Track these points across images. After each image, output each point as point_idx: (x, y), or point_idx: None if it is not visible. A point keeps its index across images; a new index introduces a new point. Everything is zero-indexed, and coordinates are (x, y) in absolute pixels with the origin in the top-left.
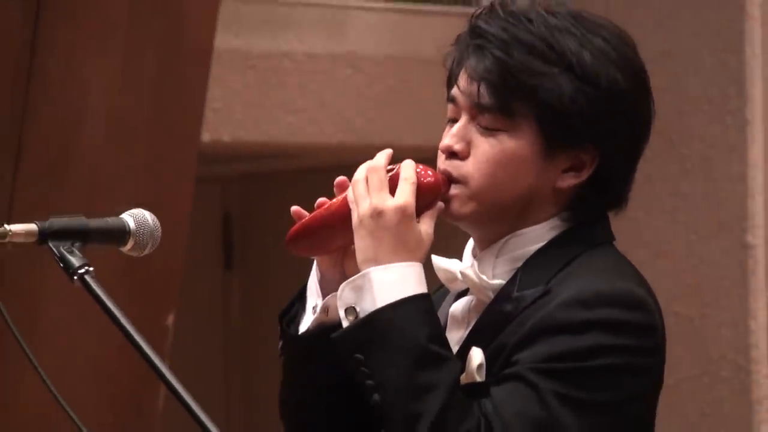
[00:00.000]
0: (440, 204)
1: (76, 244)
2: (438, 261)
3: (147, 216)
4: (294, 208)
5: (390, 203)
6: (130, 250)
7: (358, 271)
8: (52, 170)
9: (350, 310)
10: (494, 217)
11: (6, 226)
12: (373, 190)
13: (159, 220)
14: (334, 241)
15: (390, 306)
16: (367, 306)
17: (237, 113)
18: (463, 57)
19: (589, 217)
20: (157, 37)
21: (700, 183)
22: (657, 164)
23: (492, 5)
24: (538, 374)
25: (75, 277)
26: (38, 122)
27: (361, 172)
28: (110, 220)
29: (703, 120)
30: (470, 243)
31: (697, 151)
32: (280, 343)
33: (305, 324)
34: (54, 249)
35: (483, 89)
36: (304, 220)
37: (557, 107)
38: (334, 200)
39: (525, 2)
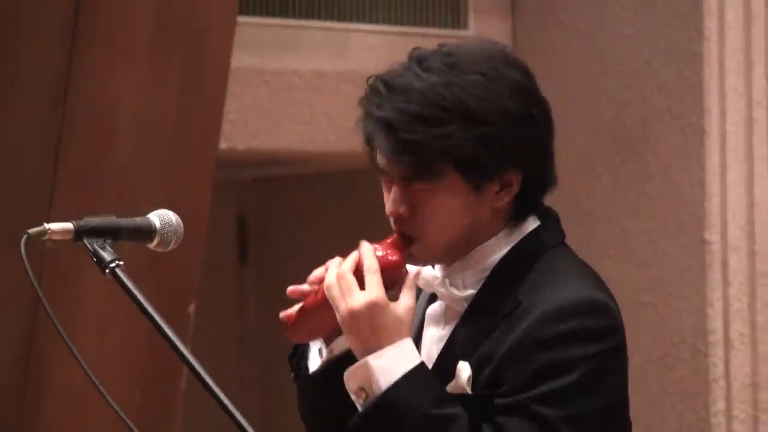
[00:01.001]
0: (418, 270)
1: (108, 241)
2: (411, 269)
3: (171, 216)
4: (290, 289)
5: (362, 301)
6: (155, 246)
7: None
8: (86, 175)
9: (360, 390)
10: (451, 253)
11: (46, 225)
12: (344, 292)
13: (181, 220)
14: (327, 328)
15: (393, 387)
16: (374, 389)
17: (251, 124)
18: (372, 136)
19: (529, 212)
20: (179, 58)
21: (662, 187)
22: (624, 170)
23: (373, 86)
24: (538, 404)
25: (107, 271)
26: (74, 133)
27: (332, 274)
28: (138, 220)
29: (665, 131)
30: None
31: (660, 158)
32: (292, 375)
33: (313, 362)
34: (88, 245)
35: (402, 167)
36: (295, 315)
37: (467, 156)
38: (316, 292)
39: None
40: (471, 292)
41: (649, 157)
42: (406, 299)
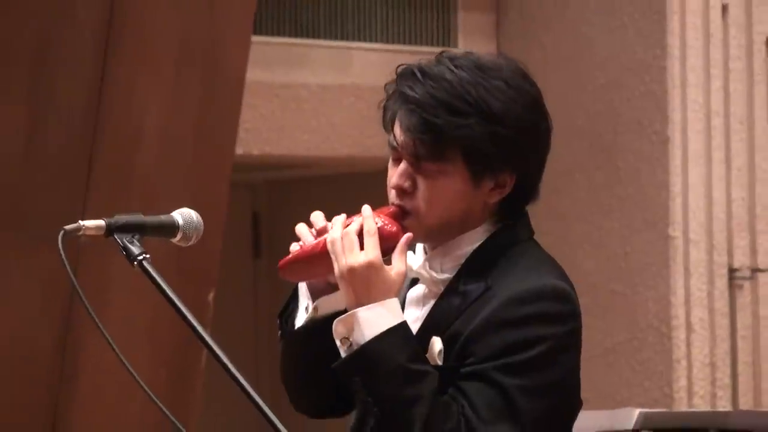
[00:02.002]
0: (408, 236)
1: (136, 236)
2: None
3: (192, 214)
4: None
5: (361, 260)
6: (178, 241)
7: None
8: (116, 178)
9: (344, 340)
10: (440, 233)
11: (80, 222)
12: (346, 250)
13: (201, 218)
14: (317, 275)
15: (375, 338)
16: (359, 338)
17: (264, 132)
18: (396, 115)
19: (512, 217)
20: (200, 73)
21: (631, 189)
22: (598, 174)
23: (412, 70)
24: (497, 372)
25: (135, 263)
26: (106, 139)
27: (337, 230)
28: (163, 217)
29: (633, 138)
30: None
31: (629, 163)
32: (279, 333)
33: (300, 320)
34: (118, 240)
35: (418, 144)
36: (293, 255)
37: (477, 148)
38: (317, 242)
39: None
40: (447, 276)
41: (619, 163)
42: (398, 265)
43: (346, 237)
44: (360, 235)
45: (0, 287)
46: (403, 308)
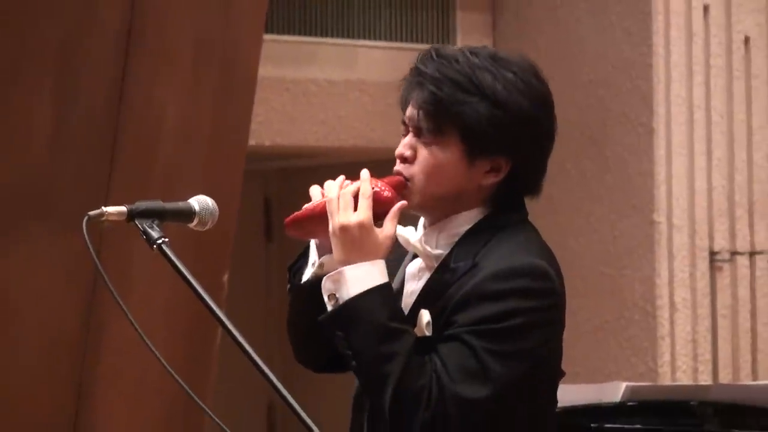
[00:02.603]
0: (402, 203)
1: (155, 222)
2: (399, 230)
3: (208, 201)
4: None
5: (353, 219)
6: (195, 225)
7: None
8: (137, 167)
9: (332, 296)
10: (434, 206)
11: (103, 208)
12: (341, 209)
13: (216, 204)
14: (318, 233)
15: (359, 295)
16: (344, 295)
17: (275, 124)
18: (410, 89)
19: (507, 204)
20: (216, 69)
21: (619, 177)
22: (588, 164)
23: (429, 50)
24: (471, 335)
25: (154, 246)
26: (127, 132)
27: (334, 190)
28: (181, 204)
29: (621, 130)
30: (422, 218)
31: (616, 153)
32: (288, 287)
33: (307, 275)
34: (139, 225)
35: (421, 115)
36: (297, 214)
37: (475, 128)
38: (319, 202)
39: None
40: (441, 252)
41: (607, 153)
42: (388, 228)
43: (343, 197)
44: (356, 197)
45: (28, 271)
46: (403, 281)
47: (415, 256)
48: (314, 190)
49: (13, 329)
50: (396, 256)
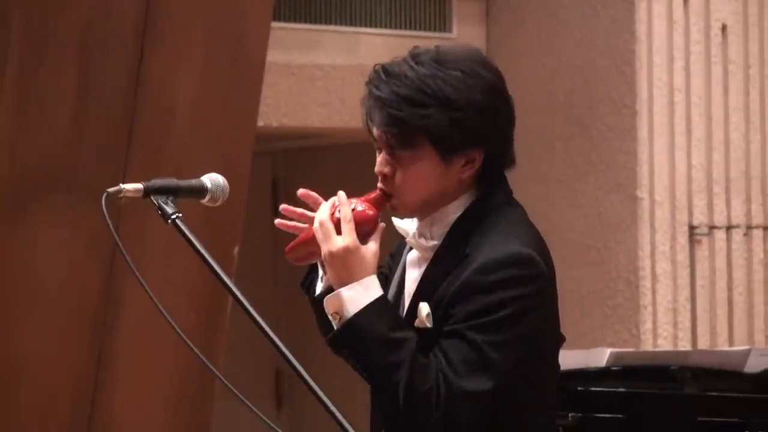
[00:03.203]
0: (381, 225)
1: (170, 198)
2: (397, 222)
3: (219, 178)
4: (277, 221)
5: (338, 245)
6: (207, 202)
7: None
8: (153, 147)
9: (335, 314)
10: (422, 209)
11: (121, 185)
12: (326, 238)
13: (227, 181)
14: (315, 254)
15: (357, 314)
16: (345, 314)
17: (282, 107)
18: (370, 111)
19: (489, 185)
20: (226, 55)
21: (604, 155)
22: (575, 143)
23: (378, 71)
24: (470, 330)
25: (169, 221)
26: (144, 113)
27: (317, 218)
28: (194, 181)
29: (606, 112)
30: None
31: (602, 133)
32: (307, 297)
33: (319, 287)
34: (154, 201)
35: (389, 136)
36: (293, 244)
37: (441, 133)
38: (308, 229)
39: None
40: (435, 242)
41: (593, 133)
42: (372, 247)
43: (323, 226)
44: (338, 222)
45: (52, 244)
46: (404, 269)
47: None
48: (308, 215)
49: (38, 298)
50: (398, 244)
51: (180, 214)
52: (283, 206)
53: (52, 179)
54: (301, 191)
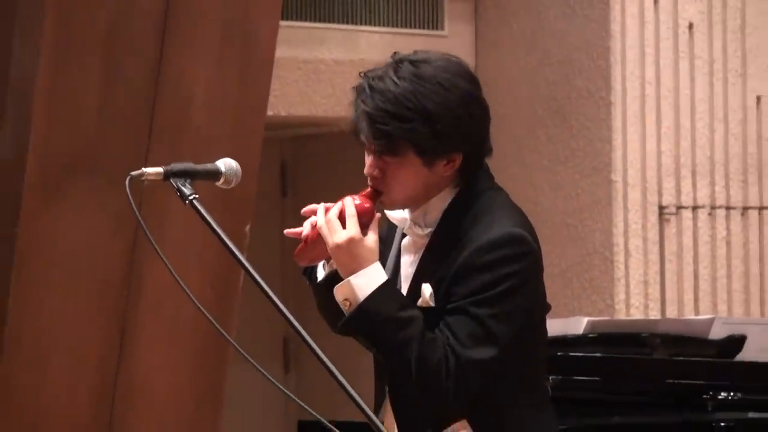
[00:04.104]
0: (378, 215)
1: (188, 181)
2: (389, 213)
3: (232, 163)
4: (286, 231)
5: (344, 237)
6: (221, 184)
7: None
8: (172, 134)
9: (345, 301)
10: (410, 203)
11: (143, 169)
12: (331, 232)
13: (240, 165)
14: (322, 254)
15: (367, 298)
16: (355, 299)
17: (289, 97)
18: (357, 119)
19: (472, 177)
20: (239, 50)
21: (581, 142)
22: (555, 131)
23: (364, 84)
24: (472, 305)
25: (187, 202)
26: (163, 103)
27: (320, 217)
28: (209, 165)
29: (584, 103)
30: None
31: (580, 122)
32: (309, 283)
33: (320, 274)
34: (173, 183)
35: (376, 145)
36: (300, 248)
37: (423, 143)
38: (311, 231)
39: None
40: (430, 230)
41: (572, 122)
42: (371, 235)
43: (329, 222)
44: (341, 217)
45: (80, 224)
46: (399, 254)
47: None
48: (306, 223)
49: (67, 273)
50: (388, 231)
51: (197, 196)
52: (286, 231)
53: (80, 164)
54: (304, 210)
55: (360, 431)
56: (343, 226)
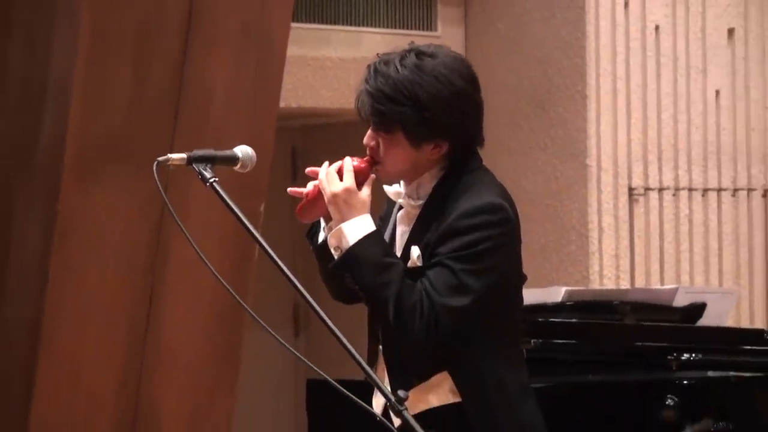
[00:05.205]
0: (372, 176)
1: (208, 165)
2: (387, 189)
3: (248, 149)
4: (290, 189)
5: (340, 187)
6: (238, 168)
7: None
8: (195, 124)
9: (336, 248)
10: (401, 176)
11: (169, 155)
12: (330, 182)
13: (255, 152)
14: (322, 210)
15: (356, 243)
16: (345, 245)
17: (299, 91)
18: (362, 97)
19: (459, 160)
20: (255, 49)
21: (560, 131)
22: (536, 122)
23: (374, 65)
24: (451, 260)
25: (207, 184)
26: (187, 96)
27: (322, 174)
28: (227, 152)
29: (562, 96)
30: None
31: (559, 113)
32: (311, 248)
33: (321, 237)
34: (196, 168)
35: (373, 121)
36: (301, 204)
37: (411, 127)
38: (314, 189)
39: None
40: (421, 202)
41: (551, 113)
42: (366, 191)
43: (329, 174)
44: (339, 172)
45: (111, 203)
46: (395, 226)
47: (401, 206)
48: (309, 184)
49: (100, 250)
50: (387, 208)
51: (216, 179)
52: (289, 190)
53: (113, 151)
54: (307, 170)
55: (361, 388)
56: (341, 180)
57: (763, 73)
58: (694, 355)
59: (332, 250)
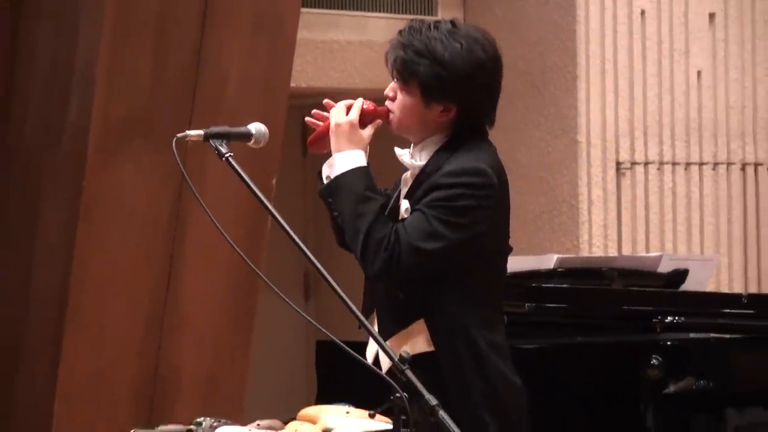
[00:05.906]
0: (378, 121)
1: (224, 141)
2: (398, 150)
3: (261, 126)
4: (307, 119)
5: (345, 119)
6: (252, 144)
7: None
8: (212, 102)
9: (327, 177)
10: (408, 131)
11: (187, 131)
12: (336, 113)
13: (267, 128)
14: (329, 145)
15: (342, 173)
16: (333, 173)
17: (308, 72)
18: (391, 49)
19: (464, 131)
20: (267, 33)
21: (552, 110)
22: (531, 100)
23: (411, 22)
24: (427, 207)
25: (223, 159)
26: (204, 80)
27: (334, 107)
28: (242, 128)
29: (555, 77)
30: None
31: (551, 93)
32: (320, 185)
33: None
34: (212, 143)
35: (395, 70)
36: (313, 135)
37: (426, 82)
38: (326, 122)
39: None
40: (422, 163)
41: (545, 93)
42: (368, 131)
43: (338, 106)
44: (349, 108)
45: (135, 179)
46: (398, 188)
47: (406, 170)
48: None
49: (125, 220)
50: (395, 186)
51: (231, 154)
52: (314, 111)
53: (135, 128)
54: (325, 101)
55: (365, 348)
56: (347, 114)
57: (741, 54)
58: (677, 318)
59: (324, 177)
